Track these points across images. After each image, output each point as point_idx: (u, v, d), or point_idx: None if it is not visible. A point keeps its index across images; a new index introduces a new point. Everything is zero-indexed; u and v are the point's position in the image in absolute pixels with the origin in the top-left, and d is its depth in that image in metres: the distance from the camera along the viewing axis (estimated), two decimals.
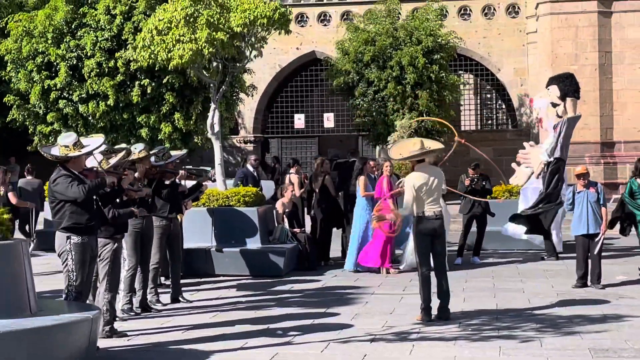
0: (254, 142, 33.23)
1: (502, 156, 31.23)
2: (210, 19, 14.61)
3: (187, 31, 14.66)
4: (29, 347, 7.25)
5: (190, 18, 14.70)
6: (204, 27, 14.50)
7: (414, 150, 10.99)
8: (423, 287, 10.94)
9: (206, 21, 14.56)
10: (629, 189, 14.40)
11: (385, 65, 27.42)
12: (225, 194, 15.53)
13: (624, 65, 26.80)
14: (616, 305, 11.86)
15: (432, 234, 10.98)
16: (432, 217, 10.93)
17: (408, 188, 11.07)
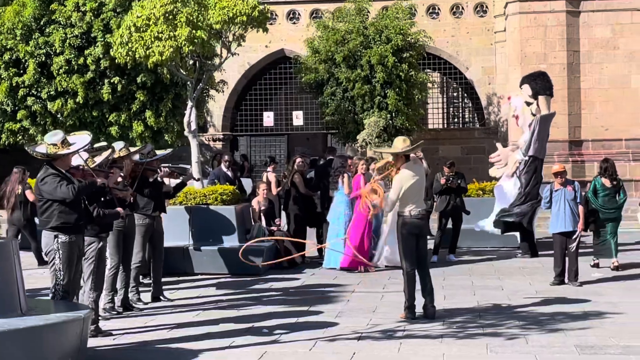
0: (223, 140, 33.10)
1: (470, 154, 31.46)
2: (190, 17, 14.54)
3: (167, 28, 14.59)
4: (22, 347, 7.18)
5: (169, 15, 14.63)
6: (184, 24, 14.43)
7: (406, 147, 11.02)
8: (407, 285, 10.98)
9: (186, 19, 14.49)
10: (592, 188, 14.72)
11: (355, 64, 27.44)
12: (202, 192, 15.48)
13: (592, 64, 27.04)
14: (596, 302, 11.98)
15: (418, 234, 10.97)
16: (417, 216, 10.93)
17: (395, 187, 11.07)
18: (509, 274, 14.87)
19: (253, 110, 33.23)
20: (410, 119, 27.68)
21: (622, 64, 26.93)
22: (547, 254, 16.62)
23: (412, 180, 10.90)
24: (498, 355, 8.83)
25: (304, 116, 31.66)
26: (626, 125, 26.88)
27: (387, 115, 26.73)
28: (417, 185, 10.95)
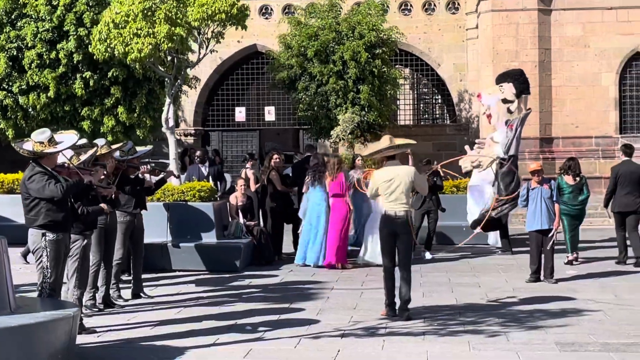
0: (195, 135, 33.06)
1: (442, 150, 31.62)
2: (169, 13, 14.54)
3: (145, 25, 14.58)
4: (13, 345, 7.20)
5: (148, 12, 14.62)
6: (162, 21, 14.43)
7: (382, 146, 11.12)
8: (385, 282, 11.07)
9: (164, 15, 14.49)
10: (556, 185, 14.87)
11: (328, 59, 27.50)
12: (180, 189, 15.49)
13: (563, 62, 27.32)
14: (572, 299, 12.16)
15: (395, 232, 11.02)
16: (392, 216, 10.96)
17: (370, 185, 11.31)
18: (485, 271, 15.03)
19: (225, 106, 33.21)
20: (382, 114, 27.82)
21: (592, 62, 27.23)
22: (521, 251, 16.85)
23: (385, 179, 10.96)
24: (480, 353, 8.94)
25: (276, 111, 31.70)
26: (596, 123, 27.21)
27: (361, 111, 26.83)
28: (392, 184, 10.96)
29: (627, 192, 15.67)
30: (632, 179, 15.64)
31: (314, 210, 15.66)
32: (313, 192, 15.78)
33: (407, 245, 11.10)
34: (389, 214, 10.96)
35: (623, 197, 15.71)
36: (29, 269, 13.46)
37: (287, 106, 31.57)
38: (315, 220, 15.60)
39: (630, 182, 15.61)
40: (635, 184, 15.64)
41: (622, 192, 15.71)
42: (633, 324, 10.35)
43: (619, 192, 15.74)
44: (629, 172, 15.73)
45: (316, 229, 15.53)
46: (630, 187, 15.64)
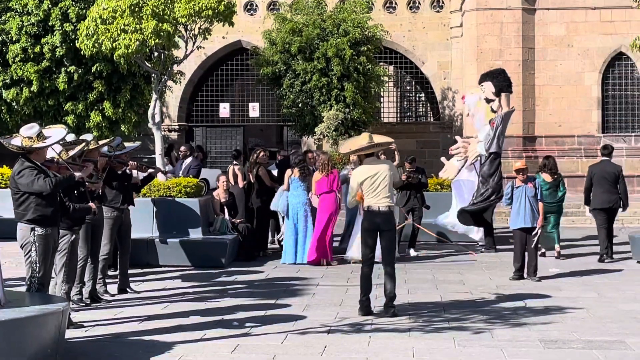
0: (179, 130, 33.09)
1: (425, 148, 31.84)
2: (156, 9, 14.58)
3: (133, 21, 14.61)
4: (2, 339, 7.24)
5: (135, 8, 14.65)
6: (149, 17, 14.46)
7: (362, 145, 11.20)
8: (361, 280, 11.11)
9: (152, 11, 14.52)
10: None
11: (312, 57, 27.57)
12: (166, 185, 15.53)
13: (546, 61, 27.53)
14: (555, 297, 12.28)
15: (376, 229, 11.05)
16: (375, 211, 11.00)
17: (351, 183, 11.36)
18: (469, 269, 15.14)
19: (209, 101, 33.25)
20: (366, 112, 27.94)
21: (575, 62, 27.46)
22: (505, 249, 16.99)
23: (366, 175, 11.04)
24: (466, 349, 9.03)
25: (260, 108, 31.79)
26: (579, 122, 27.45)
27: (345, 109, 26.93)
28: (374, 180, 11.00)
29: (604, 190, 16.07)
30: (607, 178, 16.04)
31: (300, 210, 15.66)
32: (296, 190, 15.79)
33: (391, 242, 11.12)
34: (372, 209, 11.00)
35: (601, 194, 16.11)
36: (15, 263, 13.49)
37: (272, 103, 31.66)
38: (302, 221, 15.61)
39: (606, 181, 16.03)
40: (612, 183, 16.03)
41: (600, 190, 16.10)
42: (616, 321, 10.47)
43: (597, 190, 16.15)
44: (604, 172, 16.14)
45: (305, 228, 15.55)
46: (607, 185, 16.04)
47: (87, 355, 8.65)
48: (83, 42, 15.37)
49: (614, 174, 16.11)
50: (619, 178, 16.06)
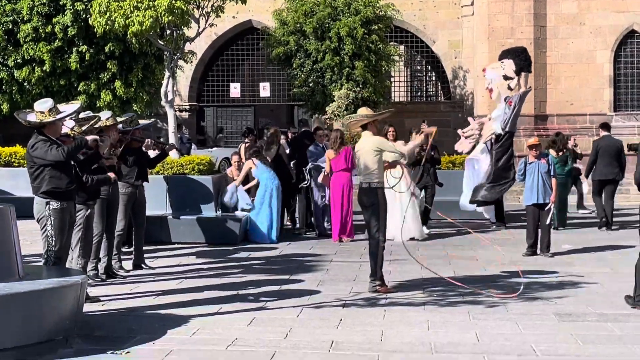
0: (189, 110, 33.08)
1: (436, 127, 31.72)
2: None
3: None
4: (22, 310, 7.29)
5: None
6: None
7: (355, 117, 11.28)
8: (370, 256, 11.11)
9: None
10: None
11: (324, 36, 27.53)
12: (179, 162, 15.59)
13: (558, 39, 27.39)
14: (568, 272, 12.31)
15: (362, 204, 11.00)
16: (359, 186, 11.03)
17: None
18: (482, 245, 15.14)
19: (220, 81, 33.22)
20: (377, 91, 27.89)
21: (587, 40, 27.31)
22: (517, 226, 17.01)
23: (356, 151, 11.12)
24: (480, 322, 9.06)
25: (270, 88, 31.73)
26: (590, 101, 27.34)
27: (356, 88, 26.90)
28: (360, 156, 10.98)
29: (607, 163, 17.22)
30: (610, 152, 17.13)
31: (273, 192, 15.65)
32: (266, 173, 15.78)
33: (369, 217, 10.91)
34: (359, 185, 11.04)
35: (603, 167, 17.29)
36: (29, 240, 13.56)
37: (282, 82, 31.62)
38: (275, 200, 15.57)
39: (608, 154, 17.11)
40: (613, 156, 17.10)
41: (603, 163, 17.27)
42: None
43: (600, 162, 17.34)
44: (608, 146, 17.29)
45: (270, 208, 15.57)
46: (609, 158, 17.19)
47: (105, 328, 8.70)
48: (96, 19, 15.38)
49: (617, 148, 17.23)
50: (621, 152, 17.23)
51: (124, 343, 7.94)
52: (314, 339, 8.23)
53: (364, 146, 10.97)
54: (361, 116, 11.09)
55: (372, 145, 10.92)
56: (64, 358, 7.42)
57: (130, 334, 8.32)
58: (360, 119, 11.07)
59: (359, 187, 11.02)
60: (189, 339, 8.21)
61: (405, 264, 13.05)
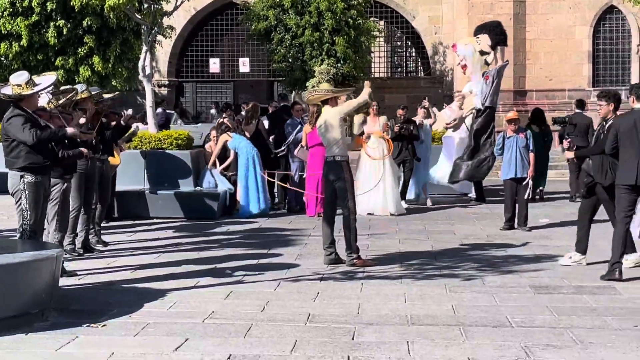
0: (168, 86, 32.93)
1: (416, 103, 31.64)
2: None
3: None
4: None
5: None
6: None
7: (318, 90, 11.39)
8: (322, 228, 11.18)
9: None
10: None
11: (304, 11, 27.42)
12: (157, 137, 15.51)
13: (537, 15, 27.42)
14: (545, 246, 12.38)
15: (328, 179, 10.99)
16: (325, 160, 11.06)
17: None
18: (460, 219, 15.23)
19: (199, 57, 33.05)
20: (357, 67, 27.85)
21: (566, 15, 27.36)
22: (495, 200, 17.07)
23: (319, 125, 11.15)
24: (457, 295, 9.10)
25: (250, 63, 31.63)
26: (569, 76, 27.43)
27: (336, 63, 26.84)
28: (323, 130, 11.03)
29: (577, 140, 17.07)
30: (580, 128, 16.82)
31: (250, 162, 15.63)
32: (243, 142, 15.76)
33: (340, 191, 10.89)
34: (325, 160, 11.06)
35: None
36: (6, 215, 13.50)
37: (262, 58, 31.50)
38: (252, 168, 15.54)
39: (578, 130, 16.72)
40: (584, 133, 16.77)
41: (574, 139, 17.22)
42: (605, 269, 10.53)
43: None
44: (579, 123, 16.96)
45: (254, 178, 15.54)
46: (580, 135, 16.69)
47: (81, 301, 8.69)
48: None
49: (586, 125, 17.03)
50: (589, 129, 16.90)
51: (100, 316, 7.93)
52: (291, 312, 8.25)
53: (324, 120, 10.98)
54: (325, 90, 11.16)
55: (331, 117, 10.90)
56: (40, 331, 7.40)
57: (107, 307, 8.31)
58: (324, 93, 11.09)
59: (324, 161, 11.02)
60: (166, 312, 8.21)
61: (383, 238, 13.11)
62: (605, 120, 10.48)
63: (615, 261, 9.90)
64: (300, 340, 7.19)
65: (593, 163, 10.45)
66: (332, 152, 10.89)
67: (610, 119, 10.36)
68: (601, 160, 10.30)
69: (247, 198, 15.49)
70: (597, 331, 7.53)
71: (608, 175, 10.22)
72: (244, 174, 15.54)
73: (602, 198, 10.55)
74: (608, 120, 10.40)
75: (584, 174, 10.75)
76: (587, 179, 10.65)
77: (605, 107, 10.45)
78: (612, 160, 10.18)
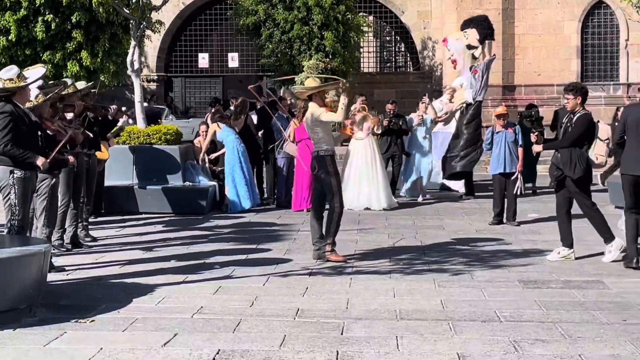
0: (157, 81, 32.86)
1: (405, 98, 31.75)
2: None
3: None
4: None
5: None
6: None
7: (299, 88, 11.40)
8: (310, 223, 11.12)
9: None
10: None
11: (292, 5, 27.41)
12: (146, 132, 15.47)
13: (526, 10, 27.46)
14: (534, 240, 12.40)
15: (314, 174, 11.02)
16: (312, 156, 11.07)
17: None
18: (449, 214, 15.24)
19: (188, 52, 33.00)
20: (346, 61, 27.87)
21: (555, 11, 27.41)
22: (484, 195, 17.10)
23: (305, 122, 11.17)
24: (446, 290, 9.10)
25: (239, 58, 31.60)
26: (558, 71, 27.48)
27: (325, 58, 26.85)
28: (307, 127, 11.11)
29: None
30: None
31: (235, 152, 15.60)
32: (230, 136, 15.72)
33: (326, 185, 10.85)
34: None
35: None
36: None
37: (251, 53, 31.49)
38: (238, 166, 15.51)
39: None
40: None
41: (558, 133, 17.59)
42: (593, 263, 10.59)
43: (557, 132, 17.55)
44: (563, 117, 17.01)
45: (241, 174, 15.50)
46: None
47: (69, 296, 8.66)
48: None
49: None
50: None
51: (89, 312, 7.91)
52: (280, 306, 8.24)
53: (307, 117, 10.98)
54: (306, 88, 11.13)
55: (311, 114, 10.88)
56: (28, 327, 7.37)
57: (95, 303, 8.29)
58: (304, 90, 11.08)
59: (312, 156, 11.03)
60: (154, 308, 8.19)
61: (372, 233, 13.12)
62: (573, 113, 10.61)
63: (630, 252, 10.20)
64: (289, 335, 7.19)
65: (562, 156, 10.57)
66: (318, 146, 10.91)
67: (578, 112, 10.54)
68: (570, 154, 10.46)
69: (235, 194, 15.47)
70: (586, 325, 7.54)
71: (577, 168, 10.38)
72: (231, 169, 15.51)
73: (572, 191, 10.67)
74: (576, 113, 10.56)
75: (553, 167, 10.79)
76: (556, 172, 10.72)
77: (573, 101, 10.61)
78: (580, 152, 10.37)
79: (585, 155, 10.48)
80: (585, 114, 10.60)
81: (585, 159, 10.47)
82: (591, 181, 10.87)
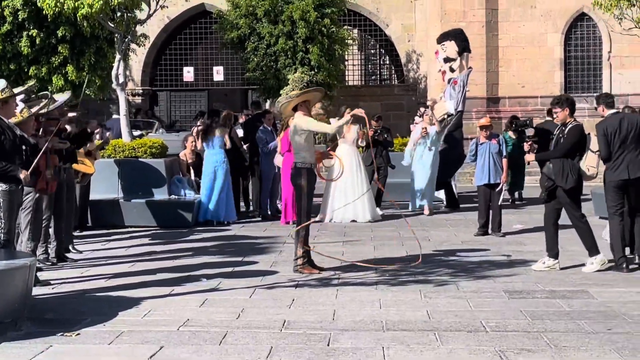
0: (142, 95, 32.84)
1: (390, 111, 31.84)
2: None
3: None
4: None
5: None
6: None
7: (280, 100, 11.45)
8: None
9: None
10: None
11: (277, 19, 27.46)
12: (131, 145, 15.48)
13: (510, 22, 27.60)
14: (519, 251, 12.46)
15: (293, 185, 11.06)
16: None
17: None
18: (434, 226, 15.28)
19: (173, 65, 33.00)
20: (331, 75, 27.91)
21: (538, 23, 27.57)
22: (468, 207, 17.16)
23: None
24: (432, 300, 9.13)
25: (224, 71, 31.60)
26: (542, 83, 27.62)
27: (310, 71, 26.89)
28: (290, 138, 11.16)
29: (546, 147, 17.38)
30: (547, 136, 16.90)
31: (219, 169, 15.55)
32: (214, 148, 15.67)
33: (296, 197, 11.00)
34: None
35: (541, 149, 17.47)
36: None
37: (236, 66, 31.50)
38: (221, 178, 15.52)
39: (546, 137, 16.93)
40: None
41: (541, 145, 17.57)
42: (578, 273, 10.65)
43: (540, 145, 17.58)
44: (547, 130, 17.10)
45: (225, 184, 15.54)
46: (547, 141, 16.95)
47: (55, 310, 8.65)
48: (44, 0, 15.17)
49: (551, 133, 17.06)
50: None
51: (74, 325, 7.89)
52: (266, 318, 8.25)
53: (293, 126, 10.96)
54: (286, 97, 11.18)
55: (296, 125, 10.85)
56: (13, 340, 7.36)
57: (81, 316, 8.27)
58: (288, 99, 11.10)
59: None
60: (140, 321, 8.18)
61: (358, 245, 13.14)
62: (565, 125, 10.71)
63: (619, 256, 10.46)
64: (276, 347, 7.19)
65: (554, 167, 10.65)
66: (296, 158, 10.95)
67: (569, 123, 10.64)
68: (562, 164, 10.55)
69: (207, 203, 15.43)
70: (571, 335, 7.58)
71: (569, 178, 10.47)
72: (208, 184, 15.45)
73: (563, 202, 10.74)
74: (567, 124, 10.67)
75: (545, 177, 10.86)
76: (547, 182, 10.79)
77: (562, 113, 10.77)
78: (572, 163, 10.47)
79: (577, 166, 10.57)
80: (577, 125, 10.71)
81: (577, 170, 10.56)
82: (582, 192, 10.93)
